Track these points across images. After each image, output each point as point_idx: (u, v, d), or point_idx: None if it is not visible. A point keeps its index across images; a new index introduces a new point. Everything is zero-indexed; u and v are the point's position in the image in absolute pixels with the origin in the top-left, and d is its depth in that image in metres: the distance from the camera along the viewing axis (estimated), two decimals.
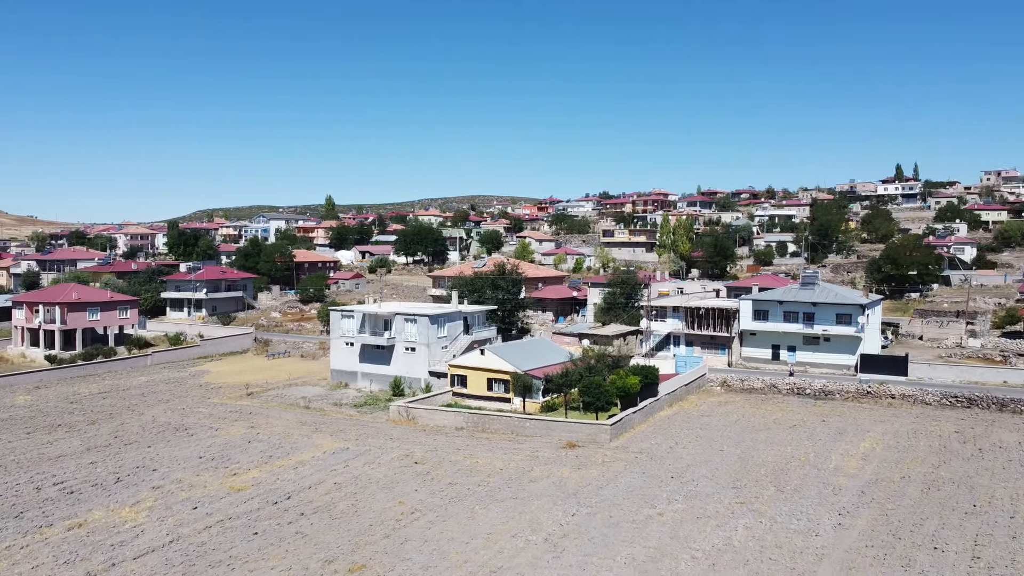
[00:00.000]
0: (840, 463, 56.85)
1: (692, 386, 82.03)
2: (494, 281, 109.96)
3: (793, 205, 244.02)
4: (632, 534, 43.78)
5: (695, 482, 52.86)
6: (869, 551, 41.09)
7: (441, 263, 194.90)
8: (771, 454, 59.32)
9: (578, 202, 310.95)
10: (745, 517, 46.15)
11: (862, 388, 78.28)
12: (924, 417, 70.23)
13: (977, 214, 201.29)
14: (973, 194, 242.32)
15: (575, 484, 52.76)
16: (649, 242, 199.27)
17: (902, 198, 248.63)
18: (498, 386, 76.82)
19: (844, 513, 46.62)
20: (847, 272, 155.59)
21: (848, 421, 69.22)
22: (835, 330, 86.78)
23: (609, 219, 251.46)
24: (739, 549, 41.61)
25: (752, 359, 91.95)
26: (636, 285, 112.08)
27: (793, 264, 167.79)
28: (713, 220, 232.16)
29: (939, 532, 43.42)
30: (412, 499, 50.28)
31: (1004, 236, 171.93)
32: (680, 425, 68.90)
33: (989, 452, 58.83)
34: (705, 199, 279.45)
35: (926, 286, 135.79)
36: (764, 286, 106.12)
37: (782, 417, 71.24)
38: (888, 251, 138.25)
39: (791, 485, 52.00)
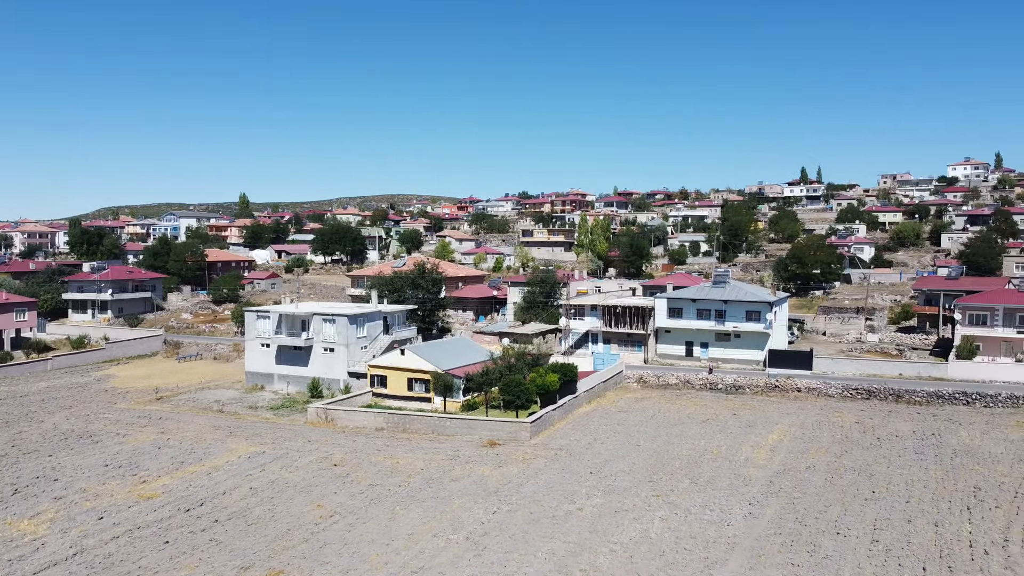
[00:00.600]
0: (750, 455, 59.04)
1: (610, 383, 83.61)
2: (414, 281, 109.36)
3: (705, 206, 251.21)
4: (552, 529, 44.39)
5: (613, 477, 53.96)
6: (777, 538, 42.88)
7: (360, 263, 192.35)
8: (686, 448, 61.09)
9: (498, 202, 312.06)
10: (661, 509, 47.43)
11: (770, 382, 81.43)
12: (828, 409, 73.59)
13: (875, 215, 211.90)
14: (871, 196, 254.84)
15: (496, 482, 53.08)
16: (568, 241, 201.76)
17: (807, 200, 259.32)
18: (419, 386, 76.48)
19: (754, 503, 48.47)
20: (756, 271, 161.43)
21: (758, 414, 71.90)
22: (745, 327, 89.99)
23: (528, 219, 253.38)
24: (656, 541, 42.75)
25: (667, 355, 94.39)
26: (555, 284, 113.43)
27: (705, 263, 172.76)
28: (629, 220, 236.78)
29: (842, 518, 45.66)
30: (331, 502, 49.58)
31: (899, 236, 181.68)
32: (598, 421, 70.15)
33: (886, 441, 62.15)
34: (622, 200, 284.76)
35: (829, 284, 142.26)
36: (678, 285, 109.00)
37: (696, 412, 73.43)
38: (794, 250, 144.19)
39: (704, 477, 53.70)
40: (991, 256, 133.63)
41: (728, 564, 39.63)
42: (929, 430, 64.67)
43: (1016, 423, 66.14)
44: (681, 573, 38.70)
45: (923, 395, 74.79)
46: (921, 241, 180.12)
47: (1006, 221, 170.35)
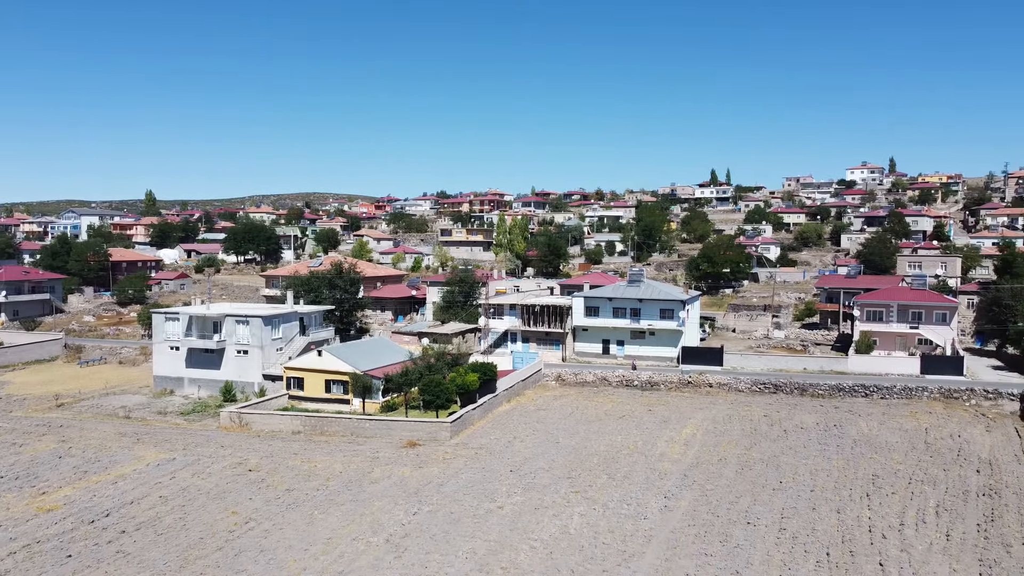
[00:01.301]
0: (665, 449, 60.67)
1: (529, 381, 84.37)
2: (331, 281, 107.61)
3: (620, 207, 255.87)
4: (473, 529, 44.56)
5: (533, 474, 54.53)
6: (691, 529, 44.27)
7: (275, 262, 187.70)
8: (603, 444, 62.28)
9: (416, 201, 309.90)
10: (580, 505, 48.25)
11: (684, 378, 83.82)
12: (738, 403, 76.30)
13: (780, 216, 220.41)
14: (777, 198, 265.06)
15: (416, 483, 52.87)
16: (486, 241, 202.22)
17: (716, 201, 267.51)
18: (337, 387, 75.33)
19: (669, 496, 49.87)
20: (669, 270, 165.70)
21: (672, 410, 73.91)
22: (659, 324, 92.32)
23: (447, 218, 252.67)
24: (575, 536, 43.48)
25: (585, 353, 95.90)
26: (474, 283, 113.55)
27: (621, 262, 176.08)
28: (547, 220, 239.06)
29: (751, 508, 47.49)
30: (246, 508, 48.36)
31: (803, 237, 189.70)
32: (518, 420, 70.72)
33: (792, 433, 64.94)
34: (539, 200, 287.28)
35: (738, 282, 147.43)
36: (595, 284, 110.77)
37: (612, 408, 74.92)
38: (705, 250, 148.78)
39: (621, 472, 54.89)
40: (886, 256, 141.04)
41: (645, 556, 40.68)
42: (831, 421, 67.87)
43: (910, 413, 70.15)
44: (599, 567, 39.50)
45: (825, 388, 78.40)
46: (823, 241, 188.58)
47: (899, 222, 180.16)
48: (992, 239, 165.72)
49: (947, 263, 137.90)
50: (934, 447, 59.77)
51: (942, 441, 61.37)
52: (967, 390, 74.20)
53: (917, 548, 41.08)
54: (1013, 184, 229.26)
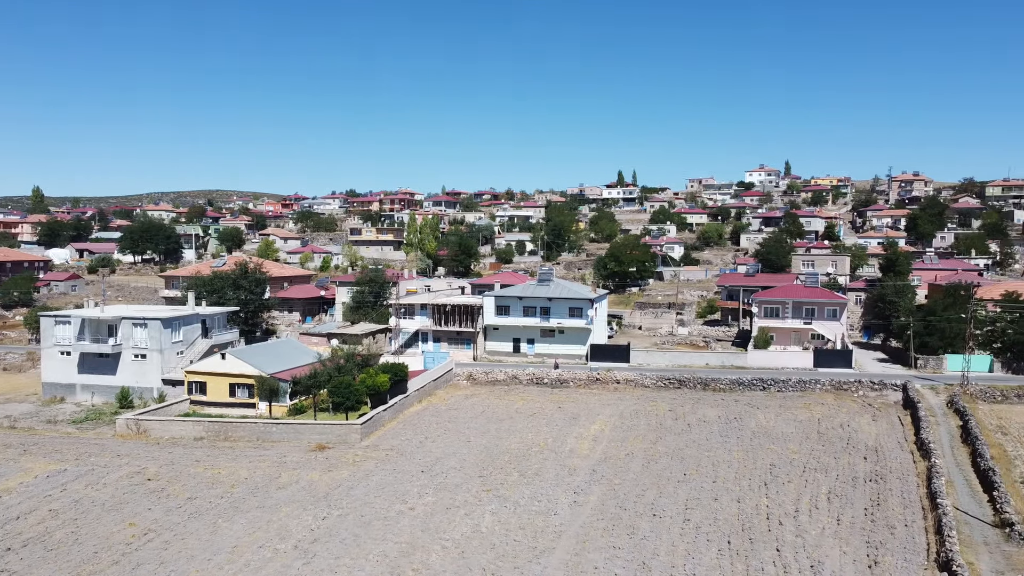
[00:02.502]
0: (575, 446, 61.74)
1: (440, 381, 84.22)
2: (235, 281, 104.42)
3: (530, 207, 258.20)
4: (384, 531, 44.22)
5: (444, 474, 54.52)
6: (600, 523, 45.25)
7: (175, 262, 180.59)
8: (514, 442, 62.83)
9: (325, 200, 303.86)
10: (492, 503, 48.57)
11: (592, 375, 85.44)
12: (644, 399, 78.34)
13: (684, 217, 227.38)
14: (681, 199, 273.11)
15: (326, 487, 52.03)
16: (397, 240, 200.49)
17: (623, 201, 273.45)
18: (242, 391, 73.23)
19: (578, 491, 50.80)
20: (578, 269, 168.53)
21: (581, 407, 75.22)
22: (568, 323, 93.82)
23: (357, 217, 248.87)
24: (487, 534, 43.75)
25: (496, 352, 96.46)
26: (384, 283, 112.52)
27: (531, 262, 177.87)
28: (457, 220, 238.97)
29: (657, 500, 48.93)
30: (145, 519, 46.48)
31: (705, 236, 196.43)
32: (429, 420, 70.51)
33: (696, 426, 67.19)
34: (450, 199, 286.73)
35: (644, 281, 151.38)
36: (505, 283, 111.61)
37: (523, 406, 75.65)
38: (612, 250, 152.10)
39: (532, 469, 55.54)
40: (782, 254, 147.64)
41: (555, 552, 41.35)
42: (732, 414, 70.57)
43: (804, 405, 73.70)
44: (511, 564, 39.90)
45: (726, 383, 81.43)
46: (724, 241, 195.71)
47: (794, 223, 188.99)
48: (877, 239, 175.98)
49: (837, 262, 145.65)
50: (826, 436, 63.01)
51: (833, 431, 64.74)
52: (855, 382, 78.54)
53: (811, 533, 43.28)
54: (896, 187, 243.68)
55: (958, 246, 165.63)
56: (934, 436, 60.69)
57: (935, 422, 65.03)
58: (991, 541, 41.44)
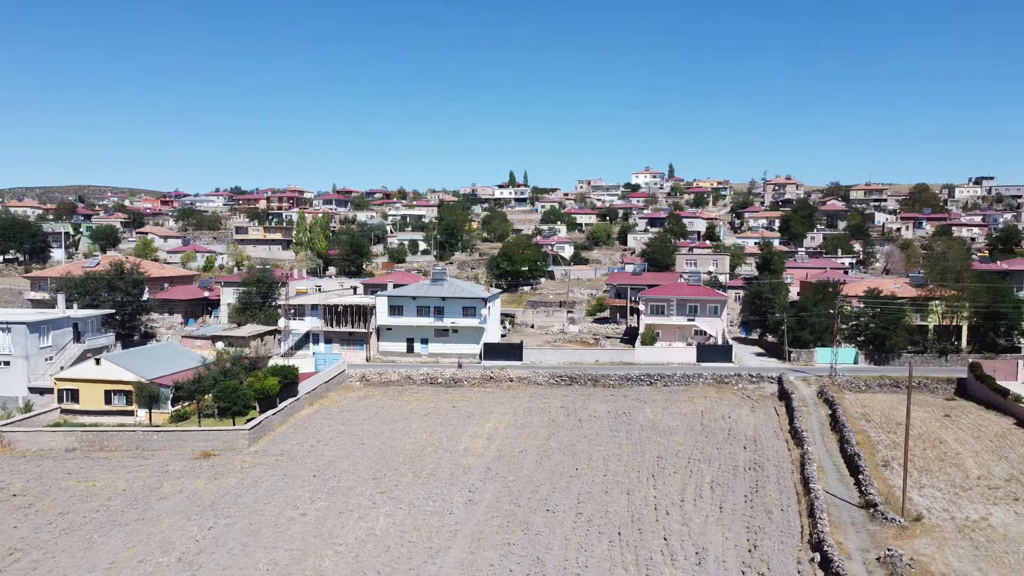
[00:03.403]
0: (469, 444, 62.03)
1: (332, 383, 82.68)
2: (111, 282, 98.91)
3: (423, 206, 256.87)
4: (275, 538, 43.09)
5: (337, 478, 53.63)
6: (495, 521, 45.70)
7: (42, 262, 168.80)
8: (408, 442, 62.50)
9: (208, 197, 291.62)
10: (386, 506, 48.17)
11: (486, 374, 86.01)
12: (537, 396, 79.55)
13: (574, 217, 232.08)
14: (571, 200, 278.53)
15: (212, 495, 50.17)
16: (286, 240, 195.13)
17: (515, 201, 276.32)
18: (119, 398, 69.46)
19: (473, 490, 51.09)
20: (471, 268, 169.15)
21: (475, 405, 75.62)
22: (462, 322, 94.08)
23: (243, 215, 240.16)
24: (381, 537, 43.37)
25: (389, 353, 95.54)
26: (273, 284, 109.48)
27: (424, 261, 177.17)
28: (349, 218, 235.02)
29: (551, 496, 49.86)
30: (10, 538, 43.43)
31: (594, 236, 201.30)
32: (321, 423, 69.13)
33: (587, 422, 68.83)
34: (341, 198, 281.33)
35: (536, 280, 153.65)
36: (398, 283, 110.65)
37: (417, 406, 75.33)
38: (505, 249, 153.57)
39: (427, 470, 55.43)
40: (667, 254, 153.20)
41: (451, 551, 41.46)
42: (621, 409, 72.72)
43: (688, 398, 76.81)
44: (406, 565, 39.74)
45: (616, 378, 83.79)
46: (612, 240, 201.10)
47: (678, 223, 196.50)
48: (754, 239, 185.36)
49: (718, 261, 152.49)
50: (709, 428, 65.93)
51: (715, 422, 67.83)
52: (735, 375, 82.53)
53: (695, 521, 45.23)
54: (771, 190, 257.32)
55: (826, 246, 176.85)
56: (806, 425, 64.62)
57: (807, 412, 69.25)
58: (858, 521, 44.57)
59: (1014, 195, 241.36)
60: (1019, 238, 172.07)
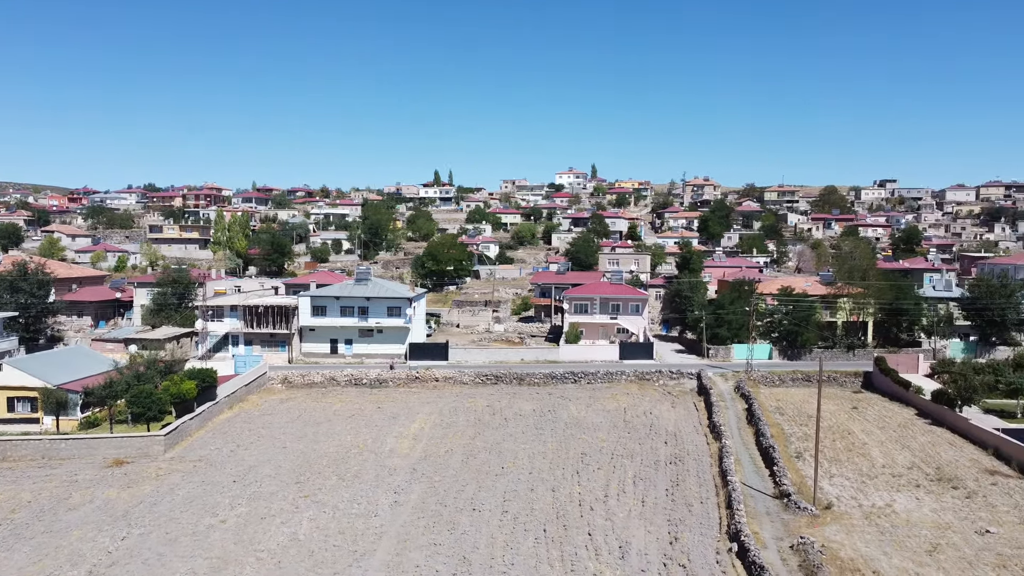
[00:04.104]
0: (395, 445, 61.61)
1: (253, 386, 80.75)
2: (13, 283, 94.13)
3: (346, 205, 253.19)
4: (192, 547, 41.87)
5: (259, 483, 52.46)
6: (421, 521, 45.56)
7: None
8: (332, 445, 61.63)
9: (120, 194, 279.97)
10: (310, 510, 47.41)
11: (412, 374, 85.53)
12: (463, 395, 79.58)
13: (499, 217, 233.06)
14: (496, 199, 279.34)
15: (125, 504, 48.36)
16: (203, 239, 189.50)
17: (440, 201, 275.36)
18: (23, 405, 66.19)
19: (399, 491, 50.80)
20: (396, 268, 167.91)
21: (400, 406, 75.12)
22: (387, 322, 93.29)
23: (157, 214, 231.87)
24: (304, 542, 42.67)
25: (312, 354, 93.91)
26: (190, 284, 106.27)
27: (348, 261, 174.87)
28: (270, 217, 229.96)
29: (477, 495, 50.00)
30: None
31: (519, 236, 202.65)
32: (241, 427, 67.47)
33: (513, 420, 69.27)
34: (261, 196, 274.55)
35: (461, 279, 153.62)
36: (322, 283, 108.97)
37: (342, 408, 74.33)
38: (430, 248, 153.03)
39: (352, 472, 54.80)
40: (590, 253, 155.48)
41: (376, 554, 41.14)
42: (546, 407, 73.46)
43: (611, 395, 78.18)
44: (330, 570, 39.22)
45: (541, 377, 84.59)
46: (536, 240, 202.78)
47: (600, 223, 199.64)
48: (674, 239, 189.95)
49: (639, 260, 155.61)
50: (631, 424, 67.29)
51: (638, 418, 69.27)
52: (656, 372, 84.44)
53: (619, 515, 46.14)
54: (690, 191, 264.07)
55: (742, 245, 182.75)
56: (724, 419, 66.68)
57: (725, 406, 71.45)
58: (773, 511, 46.30)
59: (915, 197, 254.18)
60: (919, 238, 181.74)
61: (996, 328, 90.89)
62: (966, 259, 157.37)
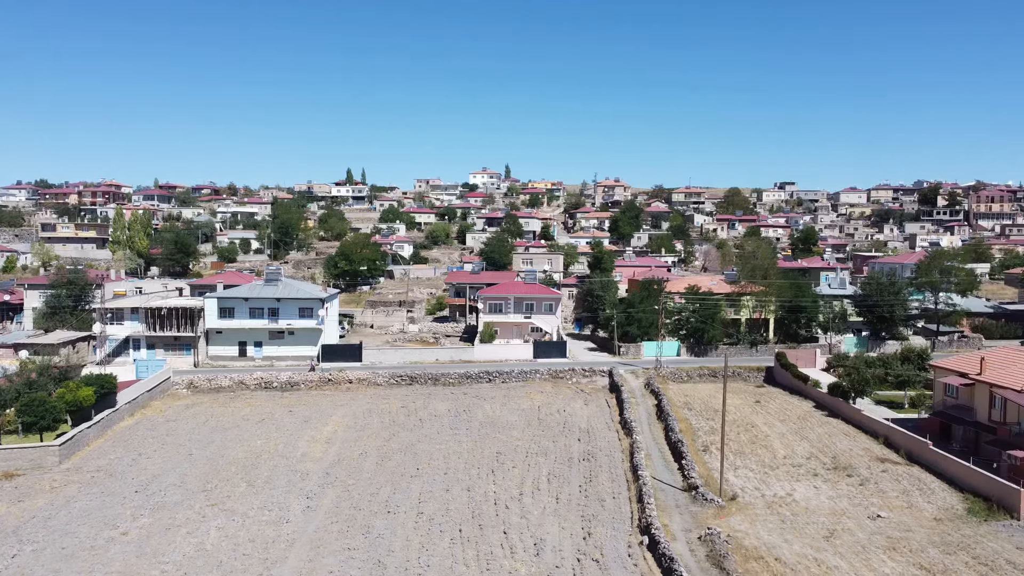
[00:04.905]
0: (307, 449, 60.45)
1: (156, 391, 77.69)
2: None
3: (255, 203, 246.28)
4: (91, 562, 40.05)
5: (163, 492, 50.59)
6: (335, 526, 44.90)
7: None
8: (242, 450, 59.98)
9: (7, 190, 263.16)
10: (218, 519, 46.02)
11: (324, 376, 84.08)
12: (377, 397, 78.77)
13: (413, 216, 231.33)
14: (409, 199, 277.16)
15: (15, 520, 45.80)
16: (101, 238, 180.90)
17: (353, 200, 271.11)
18: None
19: (312, 496, 49.90)
20: (308, 268, 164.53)
21: (313, 409, 73.73)
22: (299, 324, 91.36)
23: (50, 211, 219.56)
24: (212, 552, 41.41)
25: (220, 357, 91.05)
26: (87, 285, 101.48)
27: (257, 261, 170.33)
28: (173, 215, 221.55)
29: (392, 497, 49.64)
30: None
31: (433, 236, 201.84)
32: (144, 434, 64.82)
33: (428, 421, 69.04)
34: (164, 193, 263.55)
35: (375, 279, 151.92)
36: (229, 283, 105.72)
37: (251, 412, 72.39)
38: (342, 248, 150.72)
39: (262, 478, 53.48)
40: (504, 253, 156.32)
41: (288, 561, 40.32)
42: (461, 407, 73.54)
43: (526, 394, 78.93)
44: None
45: (456, 376, 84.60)
46: (451, 240, 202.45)
47: (514, 223, 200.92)
48: (586, 239, 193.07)
49: (553, 260, 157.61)
50: (545, 422, 68.13)
51: (552, 416, 70.19)
52: (570, 370, 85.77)
53: (534, 513, 46.69)
54: (601, 192, 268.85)
55: (651, 245, 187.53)
56: (635, 415, 68.35)
57: (636, 403, 73.25)
58: (681, 504, 47.80)
59: (812, 199, 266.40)
60: (816, 238, 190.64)
61: (886, 324, 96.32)
62: (859, 258, 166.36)
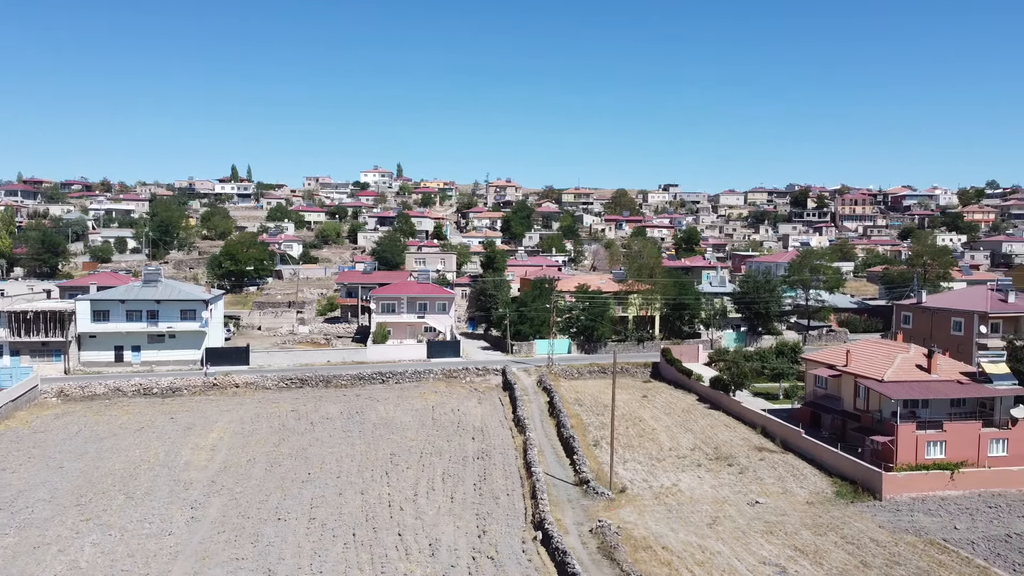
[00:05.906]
0: (191, 457, 58.06)
1: (21, 401, 72.60)
2: None
3: (132, 200, 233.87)
4: None
5: (30, 508, 47.45)
6: (221, 536, 43.39)
7: None
8: (119, 461, 56.96)
9: None
10: (93, 534, 43.60)
11: (209, 381, 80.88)
12: (266, 401, 76.48)
13: (302, 215, 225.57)
14: (298, 197, 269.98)
15: None
16: None
17: (238, 197, 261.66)
18: None
19: (196, 506, 48.02)
20: (190, 268, 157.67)
21: (197, 415, 70.81)
22: (180, 326, 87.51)
23: None
24: (87, 570, 39.24)
25: (93, 363, 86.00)
26: None
27: (135, 261, 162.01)
28: (40, 213, 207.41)
29: (282, 504, 48.42)
30: None
31: (324, 235, 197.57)
32: (8, 447, 60.49)
33: (319, 424, 67.65)
34: (29, 188, 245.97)
35: (262, 280, 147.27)
36: (104, 285, 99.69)
37: (129, 420, 68.80)
38: (227, 247, 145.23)
39: (142, 489, 51.02)
40: (397, 252, 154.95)
41: (171, 574, 38.70)
42: (354, 409, 72.46)
43: (420, 394, 78.60)
44: None
45: (348, 378, 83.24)
46: (342, 239, 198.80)
47: (407, 223, 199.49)
48: (479, 238, 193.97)
49: (446, 259, 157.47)
50: (440, 422, 68.12)
51: (446, 416, 70.24)
52: (463, 369, 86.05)
53: (428, 513, 46.66)
54: (493, 192, 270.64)
55: (543, 245, 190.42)
56: (528, 413, 69.38)
57: (529, 400, 74.33)
58: (573, 498, 48.94)
59: (694, 201, 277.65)
60: (698, 238, 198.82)
61: (762, 319, 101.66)
62: (737, 257, 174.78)
